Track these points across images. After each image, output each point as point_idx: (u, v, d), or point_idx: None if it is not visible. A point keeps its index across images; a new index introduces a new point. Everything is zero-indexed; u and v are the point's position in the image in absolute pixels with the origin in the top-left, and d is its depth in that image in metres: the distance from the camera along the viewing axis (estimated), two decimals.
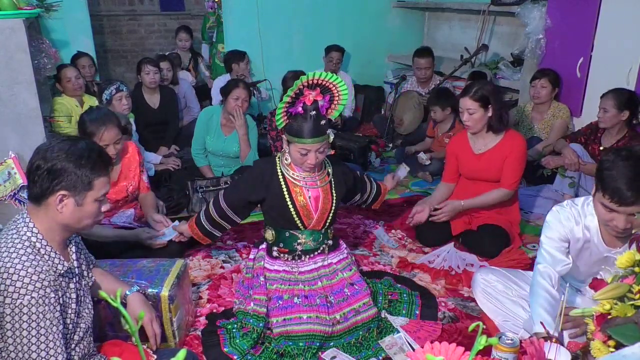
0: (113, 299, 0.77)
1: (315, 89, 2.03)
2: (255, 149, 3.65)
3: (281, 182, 2.18)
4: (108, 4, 7.03)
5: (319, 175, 2.21)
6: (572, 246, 1.88)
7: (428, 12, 5.81)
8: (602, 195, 1.64)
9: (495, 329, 2.13)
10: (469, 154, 2.84)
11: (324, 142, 2.07)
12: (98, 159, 1.45)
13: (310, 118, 2.01)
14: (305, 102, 2.01)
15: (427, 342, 0.81)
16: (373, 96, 5.56)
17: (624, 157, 1.60)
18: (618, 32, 3.29)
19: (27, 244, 1.38)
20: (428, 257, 2.81)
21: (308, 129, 2.02)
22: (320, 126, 2.04)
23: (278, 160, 2.22)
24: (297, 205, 2.16)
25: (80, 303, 1.51)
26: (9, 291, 1.30)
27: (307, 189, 2.18)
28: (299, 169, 2.17)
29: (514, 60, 4.39)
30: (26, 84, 2.63)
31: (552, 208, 1.91)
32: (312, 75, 2.00)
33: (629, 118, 3.02)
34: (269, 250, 2.28)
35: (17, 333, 1.31)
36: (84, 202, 1.43)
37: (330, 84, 2.05)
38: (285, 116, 2.06)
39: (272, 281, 2.19)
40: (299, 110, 2.02)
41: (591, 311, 1.26)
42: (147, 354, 1.64)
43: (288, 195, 2.16)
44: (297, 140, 2.04)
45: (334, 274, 2.23)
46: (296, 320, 2.05)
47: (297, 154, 2.08)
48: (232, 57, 4.70)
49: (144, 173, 2.73)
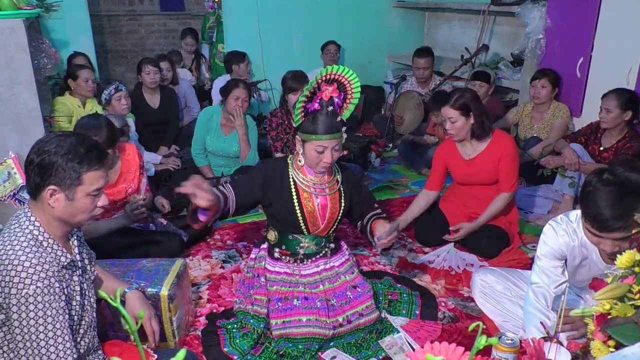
0: (113, 299, 0.77)
1: (332, 84, 2.02)
2: (255, 149, 3.65)
3: (292, 186, 2.14)
4: (108, 4, 7.03)
5: (328, 183, 2.17)
6: (569, 263, 1.86)
7: (428, 12, 5.81)
8: (585, 221, 1.62)
9: (495, 329, 2.13)
10: (459, 160, 2.84)
11: (339, 140, 2.05)
12: (87, 153, 1.43)
13: (327, 114, 2.00)
14: (323, 97, 2.00)
15: (427, 342, 0.81)
16: (373, 96, 5.56)
17: (604, 182, 1.56)
18: (618, 32, 3.29)
19: (30, 237, 1.40)
20: (428, 257, 2.81)
21: (325, 125, 1.99)
22: (337, 123, 2.02)
23: (290, 162, 2.18)
24: (305, 211, 2.14)
25: (84, 296, 1.52)
26: (14, 282, 1.32)
27: (315, 196, 2.15)
28: (310, 172, 2.14)
29: (514, 60, 4.39)
30: (26, 84, 2.63)
31: (547, 223, 1.87)
32: (331, 70, 2.00)
33: (630, 118, 3.03)
34: (271, 251, 2.26)
35: (24, 323, 1.32)
36: (75, 197, 1.43)
37: (346, 79, 2.04)
38: (302, 113, 2.03)
39: (273, 282, 2.18)
40: (316, 106, 1.99)
41: (591, 311, 1.26)
42: (147, 354, 1.64)
43: (297, 200, 2.13)
44: (315, 137, 2.00)
45: (336, 277, 2.22)
46: (295, 322, 2.04)
47: (314, 152, 2.03)
48: (233, 58, 4.70)
49: (144, 175, 2.72)
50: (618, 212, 1.52)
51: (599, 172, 1.63)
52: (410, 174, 4.16)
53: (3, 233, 1.43)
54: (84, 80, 3.60)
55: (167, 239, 2.67)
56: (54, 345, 1.35)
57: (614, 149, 3.09)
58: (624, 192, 1.53)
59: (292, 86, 3.40)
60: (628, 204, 1.52)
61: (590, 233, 1.64)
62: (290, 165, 2.17)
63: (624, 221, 1.52)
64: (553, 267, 1.84)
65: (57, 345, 1.35)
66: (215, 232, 3.13)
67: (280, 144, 3.53)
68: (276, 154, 3.55)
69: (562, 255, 1.84)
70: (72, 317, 1.44)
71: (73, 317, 1.45)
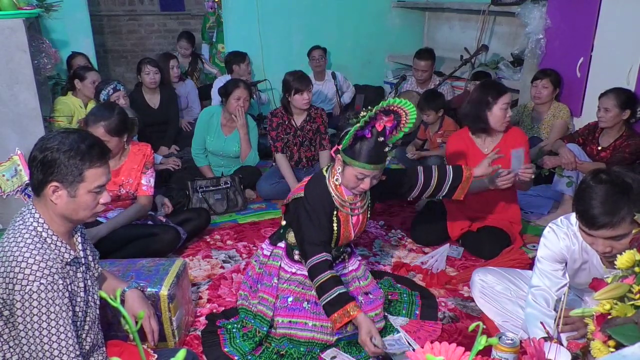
0: (113, 299, 0.77)
1: (389, 115, 1.92)
2: (255, 149, 3.66)
3: (334, 210, 2.07)
4: (108, 4, 7.03)
5: (361, 201, 2.12)
6: (570, 266, 1.85)
7: (428, 12, 5.81)
8: (577, 218, 1.63)
9: (495, 329, 2.13)
10: (479, 153, 2.78)
11: (382, 170, 1.98)
12: (89, 150, 1.43)
13: (376, 144, 1.89)
14: (376, 126, 1.89)
15: (427, 342, 0.80)
16: (373, 96, 5.56)
17: (598, 181, 1.58)
18: (618, 32, 3.29)
19: (34, 233, 1.40)
20: (422, 259, 2.81)
21: (371, 155, 1.89)
22: (384, 153, 1.93)
23: (328, 182, 2.08)
24: (341, 232, 2.09)
25: (88, 292, 1.53)
26: (18, 278, 1.32)
27: (351, 216, 2.10)
28: (347, 192, 2.06)
29: (514, 60, 4.39)
30: (26, 84, 2.63)
31: (548, 226, 1.87)
32: (393, 102, 1.89)
33: (628, 117, 3.03)
34: (290, 252, 2.18)
35: (27, 319, 1.33)
36: (77, 193, 1.43)
37: (403, 110, 1.94)
38: (352, 139, 1.90)
39: (286, 281, 2.14)
40: (367, 133, 1.88)
41: (591, 311, 1.26)
42: (147, 354, 1.64)
43: (337, 223, 2.07)
44: (358, 164, 1.90)
45: (351, 282, 2.20)
46: (301, 325, 2.03)
47: (353, 178, 1.95)
48: (233, 59, 4.70)
49: (145, 176, 2.71)
50: (607, 209, 1.53)
51: (595, 172, 1.64)
52: None
53: (8, 230, 1.44)
54: (91, 82, 3.65)
55: (163, 231, 2.67)
56: (57, 342, 1.35)
57: (612, 147, 3.11)
58: (616, 190, 1.54)
59: (297, 87, 3.39)
60: (617, 203, 1.52)
61: (582, 232, 1.64)
62: (328, 185, 2.07)
63: (611, 218, 1.52)
64: (554, 270, 1.84)
65: (60, 341, 1.36)
66: (215, 232, 3.13)
67: (281, 144, 3.53)
68: (276, 154, 3.55)
69: (562, 258, 1.84)
70: (76, 313, 1.45)
71: (77, 314, 1.46)
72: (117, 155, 2.61)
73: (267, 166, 3.92)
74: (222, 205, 3.40)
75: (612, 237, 1.56)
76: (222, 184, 3.43)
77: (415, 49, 4.69)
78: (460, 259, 2.81)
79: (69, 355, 1.37)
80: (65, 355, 1.36)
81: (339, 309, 1.91)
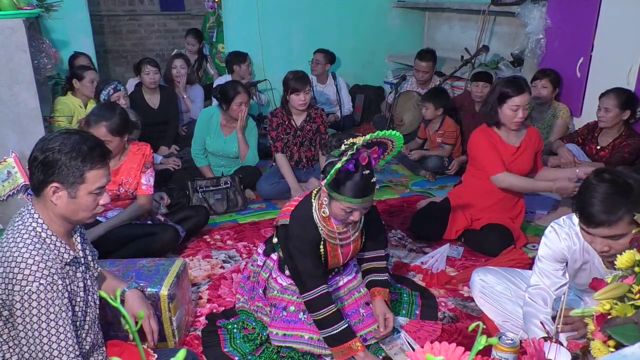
0: (113, 299, 0.77)
1: (372, 147, 1.81)
2: (255, 149, 3.65)
3: (321, 243, 2.00)
4: (108, 4, 7.03)
5: (353, 228, 2.04)
6: (570, 266, 1.85)
7: (428, 12, 5.81)
8: (576, 215, 1.64)
9: (495, 329, 2.13)
10: (509, 148, 2.75)
11: (371, 201, 1.90)
12: (91, 152, 1.43)
13: (362, 177, 1.80)
14: (360, 159, 1.77)
15: (427, 342, 0.80)
16: (373, 96, 5.57)
17: (600, 179, 1.58)
18: (618, 32, 3.29)
19: (33, 234, 1.40)
20: (422, 259, 2.81)
21: (358, 189, 1.80)
22: (371, 184, 1.85)
23: (314, 213, 1.99)
24: (329, 260, 2.05)
25: (88, 292, 1.53)
26: (17, 279, 1.32)
27: (341, 247, 2.04)
28: (337, 222, 1.98)
29: (514, 60, 4.39)
30: (26, 84, 2.63)
31: (550, 225, 1.87)
32: (375, 136, 1.76)
33: (627, 118, 3.04)
34: (282, 266, 2.13)
35: (27, 319, 1.33)
36: (77, 194, 1.43)
37: (389, 140, 1.84)
38: (336, 173, 1.78)
39: (283, 290, 2.09)
40: (350, 167, 1.77)
41: (591, 311, 1.26)
42: (148, 354, 1.64)
43: (324, 253, 2.01)
44: (344, 199, 1.82)
45: (349, 294, 2.17)
46: (296, 337, 2.00)
47: (341, 212, 1.87)
48: (234, 59, 4.70)
49: (144, 175, 2.71)
50: (606, 207, 1.53)
51: (599, 172, 1.64)
52: (410, 174, 4.16)
53: (7, 230, 1.44)
54: (90, 81, 3.64)
55: (162, 230, 2.67)
56: (57, 342, 1.35)
57: (610, 147, 3.11)
58: (616, 189, 1.54)
59: (294, 87, 3.39)
60: (616, 202, 1.52)
61: (582, 229, 1.65)
62: (315, 215, 1.98)
63: (609, 217, 1.53)
64: (554, 269, 1.84)
65: (59, 341, 1.36)
66: (215, 232, 3.13)
67: (281, 144, 3.53)
68: (276, 154, 3.55)
69: (563, 258, 1.84)
70: (75, 313, 1.45)
71: (77, 314, 1.46)
72: (117, 154, 2.61)
73: (267, 166, 3.92)
74: (222, 205, 3.40)
75: (610, 237, 1.56)
76: (222, 184, 3.43)
77: (415, 49, 4.69)
78: (460, 259, 2.81)
79: (68, 356, 1.37)
80: (65, 356, 1.36)
81: (344, 343, 1.92)
